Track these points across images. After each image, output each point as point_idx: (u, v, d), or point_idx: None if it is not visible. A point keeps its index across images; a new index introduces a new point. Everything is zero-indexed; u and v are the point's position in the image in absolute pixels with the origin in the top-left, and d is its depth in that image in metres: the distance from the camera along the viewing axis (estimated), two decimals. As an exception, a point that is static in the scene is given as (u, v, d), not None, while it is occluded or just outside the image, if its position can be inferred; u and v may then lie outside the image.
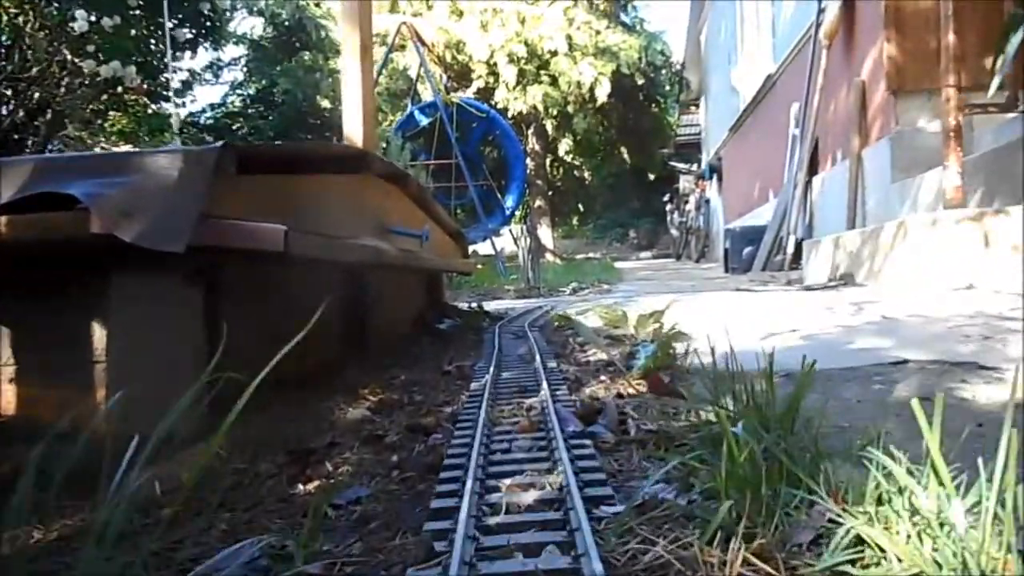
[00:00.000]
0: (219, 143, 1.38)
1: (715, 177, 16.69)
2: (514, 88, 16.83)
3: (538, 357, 2.06)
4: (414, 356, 2.37)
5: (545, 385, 1.56)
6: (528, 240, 7.87)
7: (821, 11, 8.09)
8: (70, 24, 9.01)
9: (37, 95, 9.69)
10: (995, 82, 4.23)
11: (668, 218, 22.67)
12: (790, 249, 7.89)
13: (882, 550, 0.70)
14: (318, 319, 2.10)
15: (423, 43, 12.22)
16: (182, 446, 1.51)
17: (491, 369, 1.90)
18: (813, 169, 8.57)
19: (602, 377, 1.86)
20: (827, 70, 7.86)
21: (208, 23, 10.98)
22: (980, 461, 0.73)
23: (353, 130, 2.44)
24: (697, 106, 23.35)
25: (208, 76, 13.23)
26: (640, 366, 1.84)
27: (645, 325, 2.48)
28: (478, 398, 1.54)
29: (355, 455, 1.38)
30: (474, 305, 3.51)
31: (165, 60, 11.18)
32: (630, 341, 2.51)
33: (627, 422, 1.25)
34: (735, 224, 11.84)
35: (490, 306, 5.37)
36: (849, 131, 7.36)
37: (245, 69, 16.77)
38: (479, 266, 11.62)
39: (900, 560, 0.68)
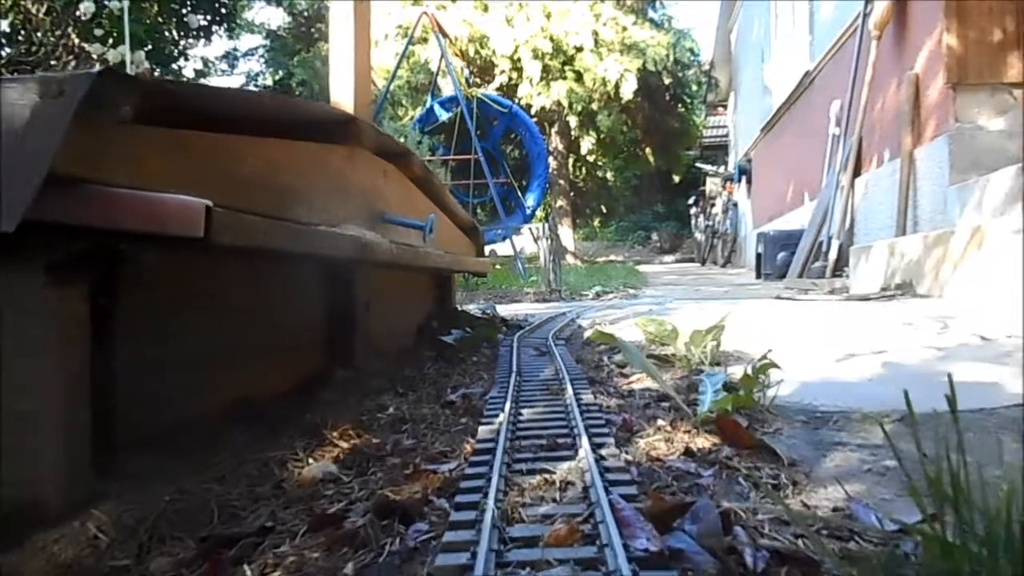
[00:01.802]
0: (95, 69, 0.91)
1: (743, 179, 16.08)
2: (538, 84, 16.30)
3: (568, 387, 1.57)
4: (411, 379, 1.89)
5: (585, 440, 1.07)
6: (550, 241, 7.37)
7: (870, 0, 7.53)
8: (77, 7, 8.68)
9: (43, 80, 9.36)
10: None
11: (692, 221, 22.08)
12: (832, 255, 7.33)
13: None
14: (288, 332, 1.62)
15: (445, 35, 11.76)
16: (53, 522, 1.05)
17: (507, 404, 1.42)
18: (856, 170, 8.00)
19: (659, 420, 1.36)
20: (876, 63, 7.30)
21: (223, 9, 10.60)
22: None
23: (342, 93, 1.97)
24: (724, 107, 22.74)
25: (223, 66, 12.86)
26: (710, 405, 1.35)
27: (699, 343, 1.99)
28: (487, 458, 1.06)
29: (295, 551, 0.89)
30: (489, 311, 3.01)
31: (180, 45, 10.82)
32: (682, 364, 2.01)
33: (732, 528, 0.76)
34: (768, 228, 11.28)
35: (508, 310, 4.91)
36: (899, 129, 6.80)
37: (262, 59, 16.39)
38: (497, 266, 11.13)
39: None
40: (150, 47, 9.96)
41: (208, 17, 10.42)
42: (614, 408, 1.51)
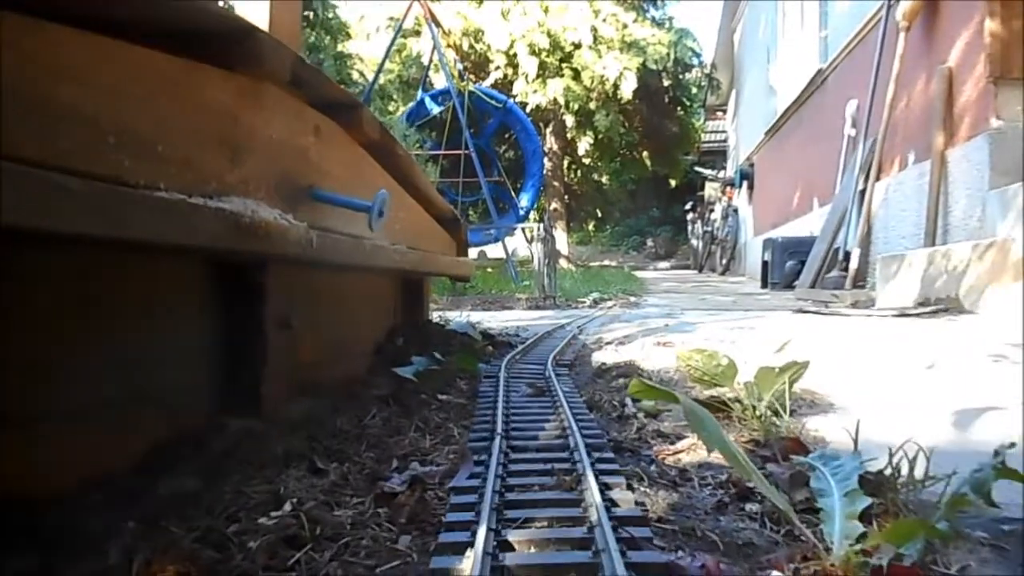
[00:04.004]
0: None
1: (745, 184, 15.50)
2: (534, 81, 15.65)
3: (588, 472, 0.94)
4: (343, 436, 1.25)
5: None
6: (545, 243, 6.74)
7: (897, -11, 6.94)
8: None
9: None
10: None
11: (690, 227, 21.52)
12: (853, 265, 6.72)
13: None
14: (126, 370, 0.98)
15: (438, 24, 11.12)
16: None
17: (485, 508, 0.78)
18: (876, 174, 7.39)
19: (770, 570, 0.73)
20: (903, 56, 6.70)
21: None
22: None
23: (253, 6, 1.33)
24: (724, 112, 22.19)
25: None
26: (848, 532, 0.72)
27: (770, 385, 1.36)
28: None
29: None
30: (466, 331, 2.34)
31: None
32: (745, 415, 1.38)
33: None
34: (776, 234, 10.70)
35: (498, 319, 4.27)
36: (928, 129, 6.20)
37: (246, 48, 15.58)
38: (488, 269, 10.46)
39: None
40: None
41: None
42: (666, 515, 0.88)
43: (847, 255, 7.22)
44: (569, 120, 16.56)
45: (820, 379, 1.86)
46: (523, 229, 9.20)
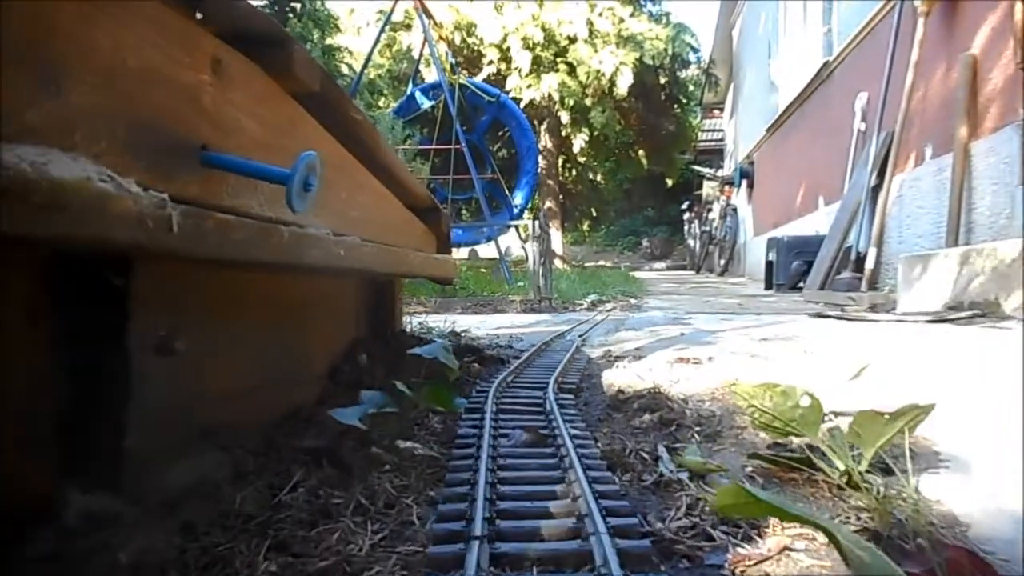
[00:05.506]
0: None
1: (744, 183, 15.09)
2: (527, 76, 15.22)
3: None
4: (238, 525, 0.81)
5: None
6: (541, 242, 6.30)
7: (915, -27, 6.53)
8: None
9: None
10: None
11: (686, 227, 21.15)
12: (869, 265, 6.31)
13: None
14: None
15: (429, 15, 10.66)
16: None
17: None
18: (891, 170, 6.99)
19: None
20: (922, 43, 6.30)
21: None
22: None
23: None
24: (720, 109, 21.79)
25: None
26: None
27: (876, 438, 0.93)
28: None
29: None
30: (455, 336, 1.89)
31: None
32: (838, 479, 0.95)
33: None
34: (779, 233, 10.29)
35: (489, 324, 3.84)
36: (949, 121, 5.81)
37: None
38: (481, 269, 10.01)
39: None
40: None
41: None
42: None
43: (860, 255, 6.82)
44: (564, 117, 16.13)
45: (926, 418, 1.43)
46: (517, 227, 8.76)
